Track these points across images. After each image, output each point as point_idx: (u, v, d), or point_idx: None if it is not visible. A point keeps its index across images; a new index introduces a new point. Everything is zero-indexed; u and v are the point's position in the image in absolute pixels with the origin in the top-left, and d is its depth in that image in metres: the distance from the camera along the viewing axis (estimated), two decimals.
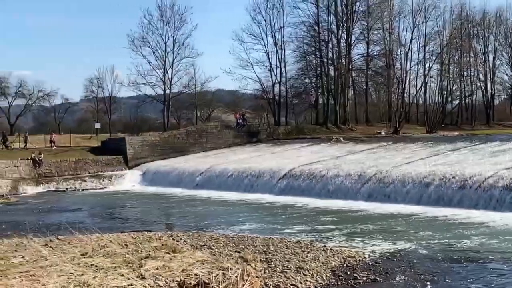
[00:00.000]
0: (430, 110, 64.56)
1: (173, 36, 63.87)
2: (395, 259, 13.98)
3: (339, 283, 11.61)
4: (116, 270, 9.22)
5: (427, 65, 68.47)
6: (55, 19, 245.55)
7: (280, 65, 64.97)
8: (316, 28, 63.62)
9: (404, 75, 65.34)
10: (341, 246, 15.62)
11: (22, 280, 8.40)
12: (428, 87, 71.25)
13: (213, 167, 38.65)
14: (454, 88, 72.50)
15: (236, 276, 9.12)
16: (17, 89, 76.80)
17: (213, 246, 14.81)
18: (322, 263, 13.03)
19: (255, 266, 11.72)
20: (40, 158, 43.02)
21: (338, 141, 46.64)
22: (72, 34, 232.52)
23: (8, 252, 11.04)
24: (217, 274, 8.99)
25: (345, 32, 63.34)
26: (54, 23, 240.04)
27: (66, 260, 9.87)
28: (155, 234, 17.14)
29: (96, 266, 9.57)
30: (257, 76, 66.49)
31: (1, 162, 41.56)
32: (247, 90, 72.30)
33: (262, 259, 13.06)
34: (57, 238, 13.54)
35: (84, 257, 10.29)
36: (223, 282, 8.86)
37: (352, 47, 64.79)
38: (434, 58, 67.82)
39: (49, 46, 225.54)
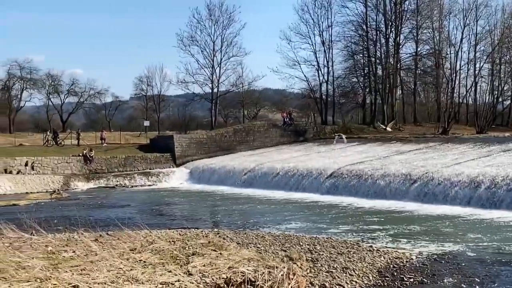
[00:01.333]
0: (480, 110, 63.29)
1: (221, 35, 64.46)
2: (443, 261, 13.79)
3: (386, 284, 11.51)
4: (164, 266, 9.34)
5: (477, 65, 67.11)
6: (105, 19, 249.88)
7: (328, 64, 64.90)
8: (364, 27, 63.23)
9: (454, 74, 64.02)
10: (388, 247, 15.50)
11: (73, 274, 8.57)
12: (478, 87, 69.90)
13: (259, 165, 38.78)
14: (505, 88, 70.78)
15: (282, 275, 9.13)
16: (69, 87, 78.81)
17: (259, 244, 14.88)
18: (369, 263, 12.96)
19: (301, 265, 11.73)
20: (91, 155, 43.96)
21: (340, 140, 46.39)
22: (123, 33, 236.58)
23: (59, 246, 11.26)
24: (263, 272, 9.02)
25: (393, 31, 62.60)
26: (103, 22, 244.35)
27: (116, 255, 10.04)
28: (202, 231, 17.34)
29: (144, 261, 9.70)
30: (304, 75, 66.57)
31: (54, 158, 42.71)
32: (294, 89, 72.48)
33: (308, 258, 13.06)
34: (107, 234, 13.80)
35: (133, 253, 10.45)
36: (269, 280, 8.88)
37: (400, 46, 64.01)
38: (485, 57, 66.38)
39: (100, 46, 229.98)
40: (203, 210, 27.82)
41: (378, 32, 63.04)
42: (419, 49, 66.18)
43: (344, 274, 11.83)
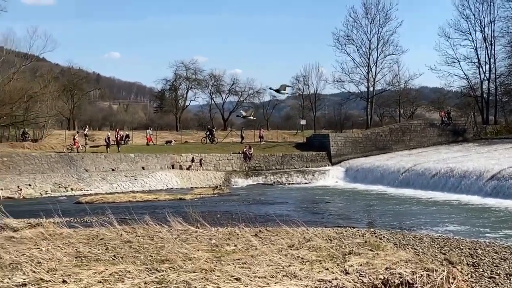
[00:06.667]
0: None
1: (378, 33, 63.73)
2: None
3: None
4: (321, 263, 9.52)
5: None
6: (263, 20, 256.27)
7: (489, 61, 61.77)
8: None
9: None
10: None
11: (235, 267, 8.98)
12: None
13: (416, 165, 37.92)
14: None
15: (441, 278, 8.96)
16: (230, 87, 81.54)
17: (417, 246, 14.65)
18: None
19: (462, 269, 11.41)
20: (250, 152, 45.47)
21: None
22: (280, 34, 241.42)
23: (222, 240, 11.87)
24: (422, 275, 8.89)
25: None
26: (261, 24, 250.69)
27: (274, 251, 10.40)
28: (358, 230, 17.38)
29: (302, 258, 9.94)
30: (464, 73, 63.84)
31: (216, 155, 44.79)
32: (452, 87, 69.55)
33: (468, 263, 12.69)
34: (266, 229, 14.26)
35: (291, 249, 10.76)
36: (428, 283, 8.74)
37: None
38: None
39: (259, 46, 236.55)
40: (358, 209, 27.77)
41: None
42: None
43: (508, 281, 11.35)
